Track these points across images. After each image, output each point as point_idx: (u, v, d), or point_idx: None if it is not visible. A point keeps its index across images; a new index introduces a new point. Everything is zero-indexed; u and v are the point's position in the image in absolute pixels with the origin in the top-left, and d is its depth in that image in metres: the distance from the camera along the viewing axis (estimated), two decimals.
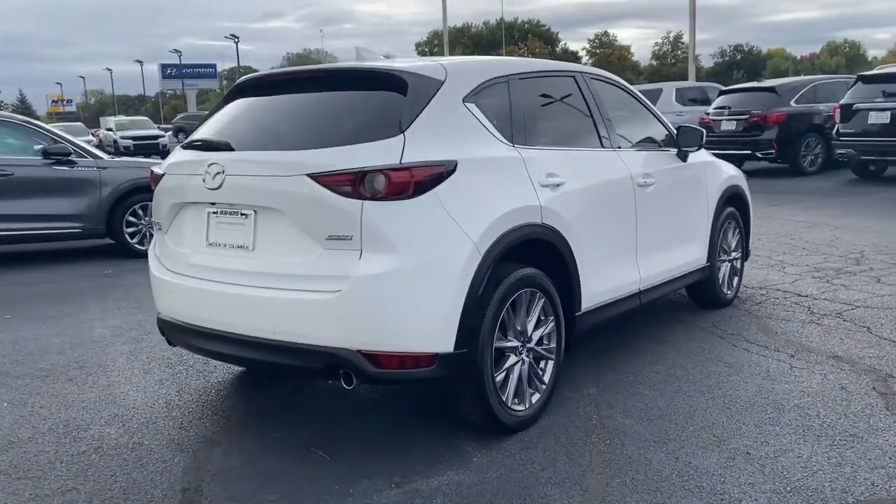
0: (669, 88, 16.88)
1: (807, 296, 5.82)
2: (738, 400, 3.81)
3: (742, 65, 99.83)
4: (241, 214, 3.38)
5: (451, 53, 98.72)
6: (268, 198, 3.24)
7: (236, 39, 67.09)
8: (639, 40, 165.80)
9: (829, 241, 7.97)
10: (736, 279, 5.78)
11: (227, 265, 3.41)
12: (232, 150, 3.44)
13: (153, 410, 4.01)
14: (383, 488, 3.06)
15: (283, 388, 4.28)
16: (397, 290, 3.04)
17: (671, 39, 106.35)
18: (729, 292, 5.65)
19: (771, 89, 13.90)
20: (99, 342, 5.31)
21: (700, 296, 5.51)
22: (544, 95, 4.07)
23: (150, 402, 4.12)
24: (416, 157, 3.08)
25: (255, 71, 5.57)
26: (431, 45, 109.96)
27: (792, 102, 13.64)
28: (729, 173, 5.61)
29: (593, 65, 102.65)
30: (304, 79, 3.78)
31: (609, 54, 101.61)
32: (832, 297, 5.73)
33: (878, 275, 6.37)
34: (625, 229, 4.25)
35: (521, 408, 3.50)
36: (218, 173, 3.35)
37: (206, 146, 3.60)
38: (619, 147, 4.37)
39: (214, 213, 3.50)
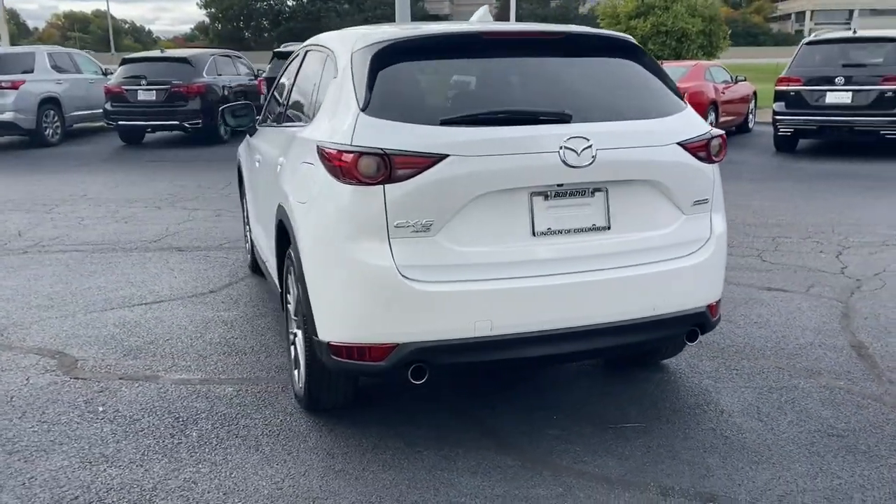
0: (42, 53, 14.93)
1: None
2: None
3: None
4: (590, 193, 3.03)
5: None
6: (639, 170, 3.06)
7: None
8: None
9: None
10: None
11: (572, 253, 3.01)
12: (569, 121, 2.98)
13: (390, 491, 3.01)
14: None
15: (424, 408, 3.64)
16: (726, 243, 3.43)
17: None
18: None
19: (184, 59, 14.15)
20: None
21: None
22: None
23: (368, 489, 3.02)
24: None
25: None
26: None
27: (204, 73, 14.23)
28: None
29: None
30: (526, 41, 3.33)
31: None
32: None
33: None
34: None
35: None
36: (586, 148, 2.92)
37: (527, 118, 2.93)
38: None
39: (545, 196, 2.97)
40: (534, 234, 2.98)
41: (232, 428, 3.42)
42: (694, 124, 3.26)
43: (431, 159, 2.83)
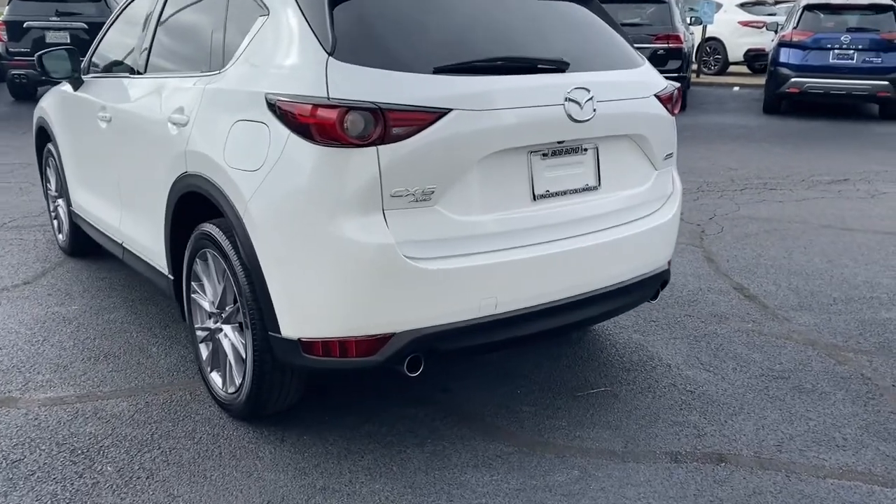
0: None
1: None
2: None
3: None
4: (583, 150, 2.78)
5: None
6: (627, 123, 2.86)
7: None
8: None
9: None
10: None
11: (567, 216, 2.75)
12: (565, 70, 2.68)
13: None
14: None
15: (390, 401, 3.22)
16: None
17: None
18: None
19: None
20: None
21: None
22: None
23: None
24: None
25: None
26: None
27: None
28: None
29: None
30: None
31: None
32: None
33: None
34: None
35: None
36: (588, 100, 2.64)
37: (525, 66, 2.57)
38: None
39: (544, 154, 2.66)
40: (534, 197, 2.68)
41: (155, 454, 2.76)
42: (658, 76, 3.14)
43: (434, 115, 2.40)
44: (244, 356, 2.80)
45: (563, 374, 3.44)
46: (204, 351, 3.13)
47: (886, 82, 10.95)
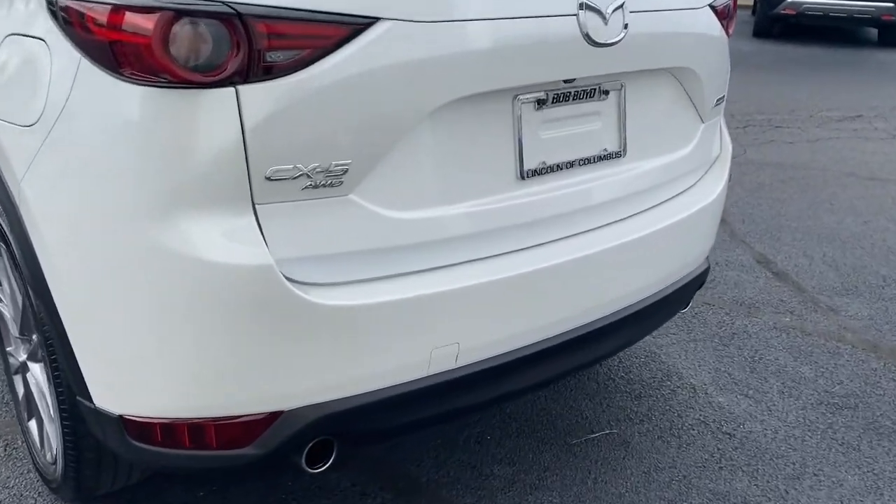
0: None
1: None
2: None
3: None
4: (602, 94, 1.71)
5: None
6: (671, 50, 1.80)
7: None
8: None
9: None
10: None
11: (574, 203, 1.70)
12: None
13: None
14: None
15: None
16: None
17: None
18: None
19: None
20: None
21: None
22: None
23: None
24: None
25: None
26: None
27: None
28: None
29: None
30: None
31: None
32: None
33: None
34: None
35: None
36: (617, 8, 1.56)
37: None
38: None
39: (540, 102, 1.59)
40: (522, 175, 1.61)
41: None
42: None
43: (345, 28, 1.30)
44: (53, 417, 1.75)
45: (548, 406, 2.46)
46: (19, 387, 2.08)
47: (892, 4, 9.90)
